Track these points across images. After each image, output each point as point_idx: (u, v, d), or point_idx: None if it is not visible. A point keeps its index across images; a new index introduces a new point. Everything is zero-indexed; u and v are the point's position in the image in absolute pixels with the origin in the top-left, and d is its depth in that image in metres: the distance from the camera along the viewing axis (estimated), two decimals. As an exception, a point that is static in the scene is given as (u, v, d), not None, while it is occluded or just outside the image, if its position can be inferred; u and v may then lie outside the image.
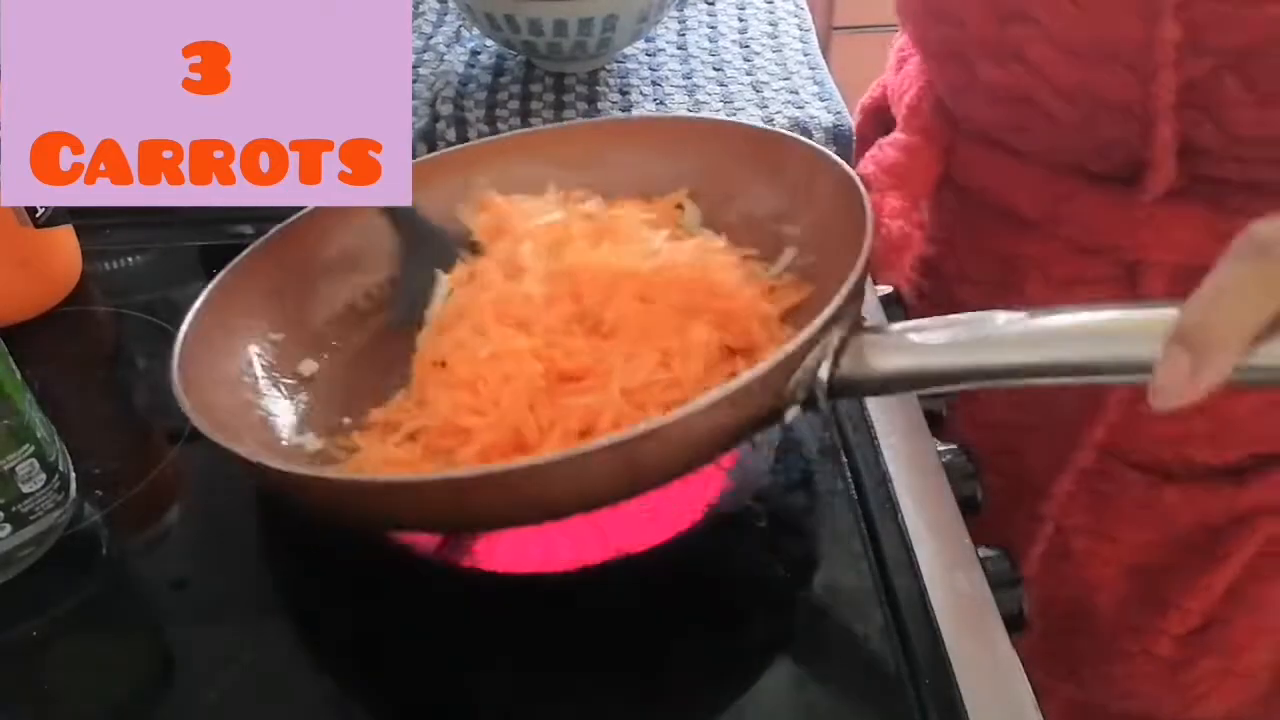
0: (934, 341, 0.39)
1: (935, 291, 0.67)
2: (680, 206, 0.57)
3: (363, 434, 0.50)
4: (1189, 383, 0.33)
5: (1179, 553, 0.61)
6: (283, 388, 0.52)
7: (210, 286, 0.51)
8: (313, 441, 0.50)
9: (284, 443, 0.49)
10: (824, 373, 0.40)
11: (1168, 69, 0.48)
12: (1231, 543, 0.59)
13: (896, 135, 0.65)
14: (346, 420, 0.51)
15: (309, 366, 0.54)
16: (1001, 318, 0.38)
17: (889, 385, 0.41)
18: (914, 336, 0.40)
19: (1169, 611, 0.61)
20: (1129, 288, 0.56)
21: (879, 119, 0.72)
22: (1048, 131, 0.55)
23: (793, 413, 0.41)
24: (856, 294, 0.42)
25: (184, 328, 0.48)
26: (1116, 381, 0.36)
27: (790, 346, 0.39)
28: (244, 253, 0.53)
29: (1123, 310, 0.36)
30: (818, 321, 0.40)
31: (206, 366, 0.48)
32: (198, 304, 0.50)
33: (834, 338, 0.40)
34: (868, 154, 0.66)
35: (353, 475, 0.44)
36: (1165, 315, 0.34)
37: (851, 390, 0.41)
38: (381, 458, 0.47)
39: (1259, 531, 0.59)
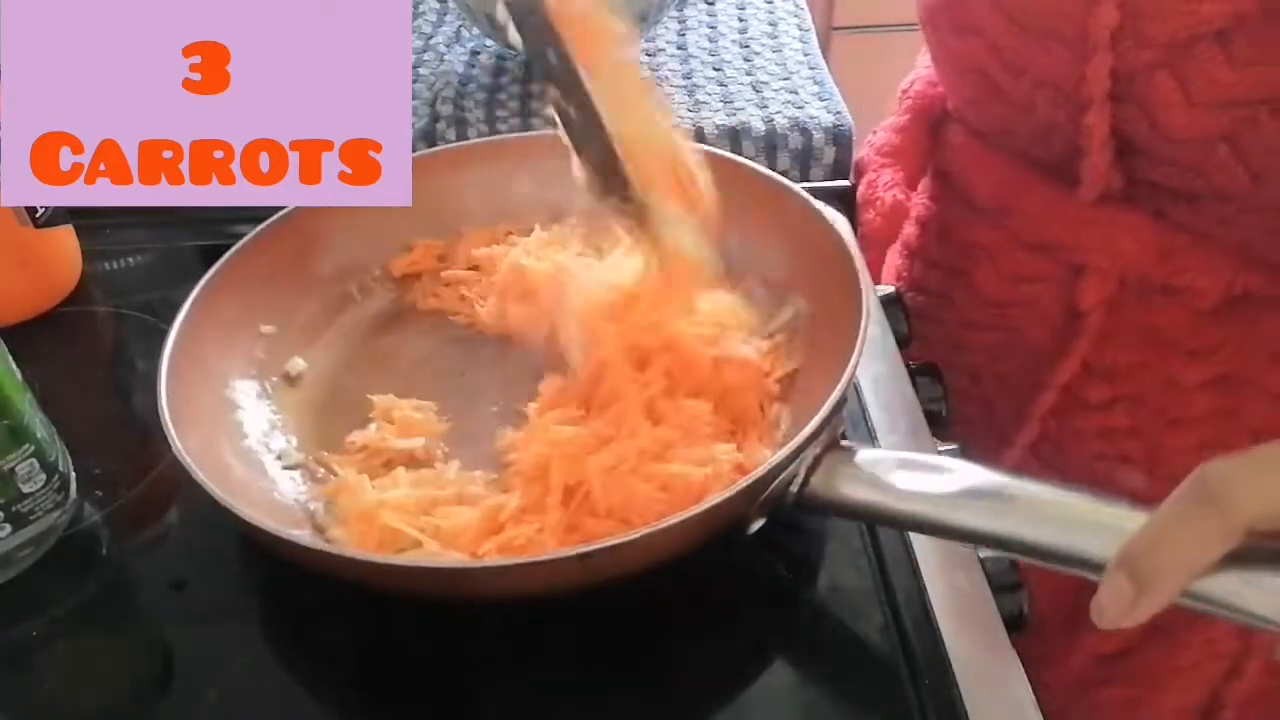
0: (904, 486, 0.39)
1: (908, 272, 0.68)
2: None
3: (343, 458, 0.50)
4: (1129, 609, 0.33)
5: None
6: (269, 388, 0.53)
7: (200, 285, 0.51)
8: (293, 454, 0.50)
9: (261, 453, 0.49)
10: (794, 488, 0.41)
11: (1102, 53, 0.48)
12: None
13: (891, 118, 0.66)
14: (330, 432, 0.51)
15: (297, 365, 0.54)
16: (975, 476, 0.38)
17: (854, 514, 0.41)
18: (887, 473, 0.40)
19: (1089, 629, 0.60)
20: (1070, 292, 0.56)
21: None
22: (997, 108, 0.56)
23: (757, 524, 0.41)
24: (838, 409, 0.42)
25: (172, 333, 0.48)
26: (1067, 571, 0.36)
27: (762, 470, 0.39)
28: (236, 246, 0.53)
29: (1092, 502, 0.37)
30: (793, 444, 0.40)
31: (195, 367, 0.48)
32: (186, 305, 0.50)
33: (809, 456, 0.41)
34: (865, 139, 0.68)
35: (321, 548, 0.43)
36: (1132, 522, 0.35)
37: (816, 508, 0.41)
38: (366, 504, 0.46)
39: None
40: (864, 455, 0.41)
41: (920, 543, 0.46)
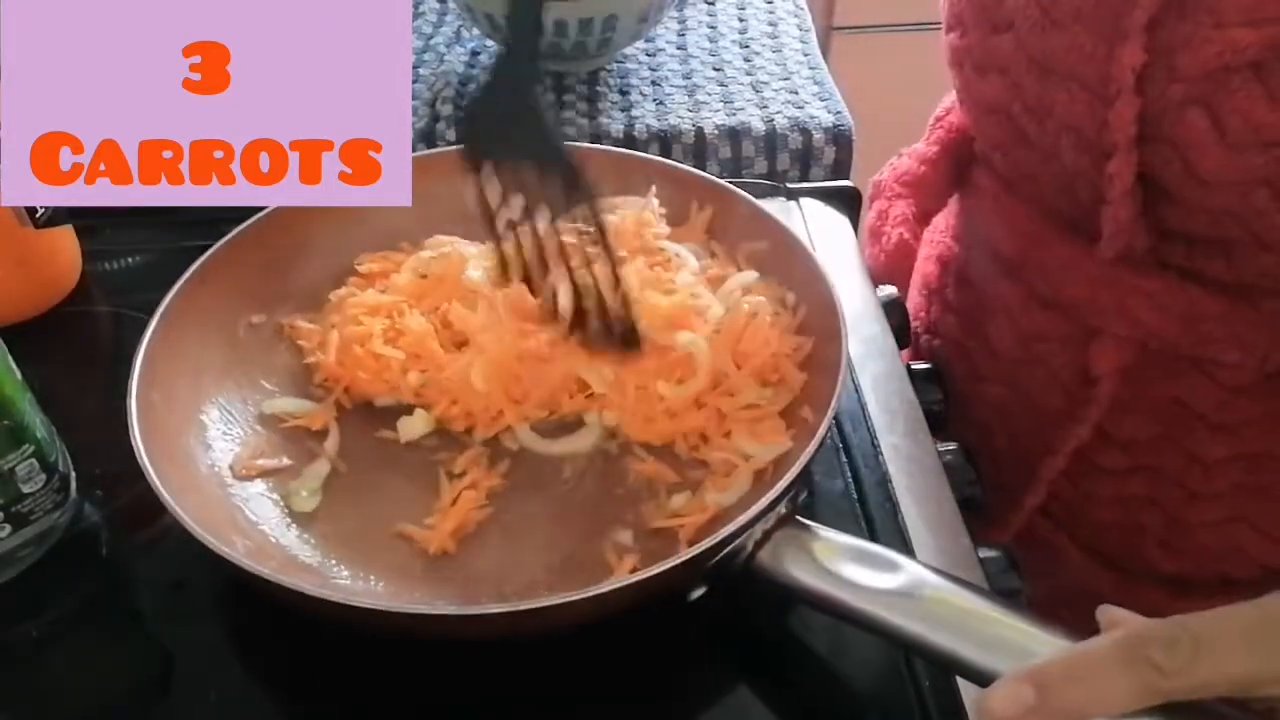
0: (846, 576, 0.39)
1: (925, 314, 0.66)
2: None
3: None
4: (1018, 715, 0.33)
5: None
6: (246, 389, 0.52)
7: (188, 273, 0.51)
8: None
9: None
10: (740, 560, 0.40)
11: (1127, 96, 0.45)
12: None
13: (918, 145, 0.64)
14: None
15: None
16: (921, 579, 0.38)
17: (796, 595, 0.40)
18: (835, 561, 0.39)
19: None
20: (1084, 355, 0.53)
21: None
22: (1020, 152, 0.53)
23: (699, 591, 0.41)
24: (793, 486, 0.41)
25: (153, 321, 0.48)
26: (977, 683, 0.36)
27: (707, 543, 0.39)
28: (220, 242, 0.53)
29: (1029, 626, 0.36)
30: (740, 520, 0.39)
31: (175, 362, 0.48)
32: (173, 291, 0.49)
33: (758, 531, 0.40)
34: (889, 161, 0.65)
35: (280, 579, 0.41)
36: (1052, 650, 0.34)
37: (759, 580, 0.40)
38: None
39: None
40: (814, 538, 0.41)
41: (920, 543, 0.47)
